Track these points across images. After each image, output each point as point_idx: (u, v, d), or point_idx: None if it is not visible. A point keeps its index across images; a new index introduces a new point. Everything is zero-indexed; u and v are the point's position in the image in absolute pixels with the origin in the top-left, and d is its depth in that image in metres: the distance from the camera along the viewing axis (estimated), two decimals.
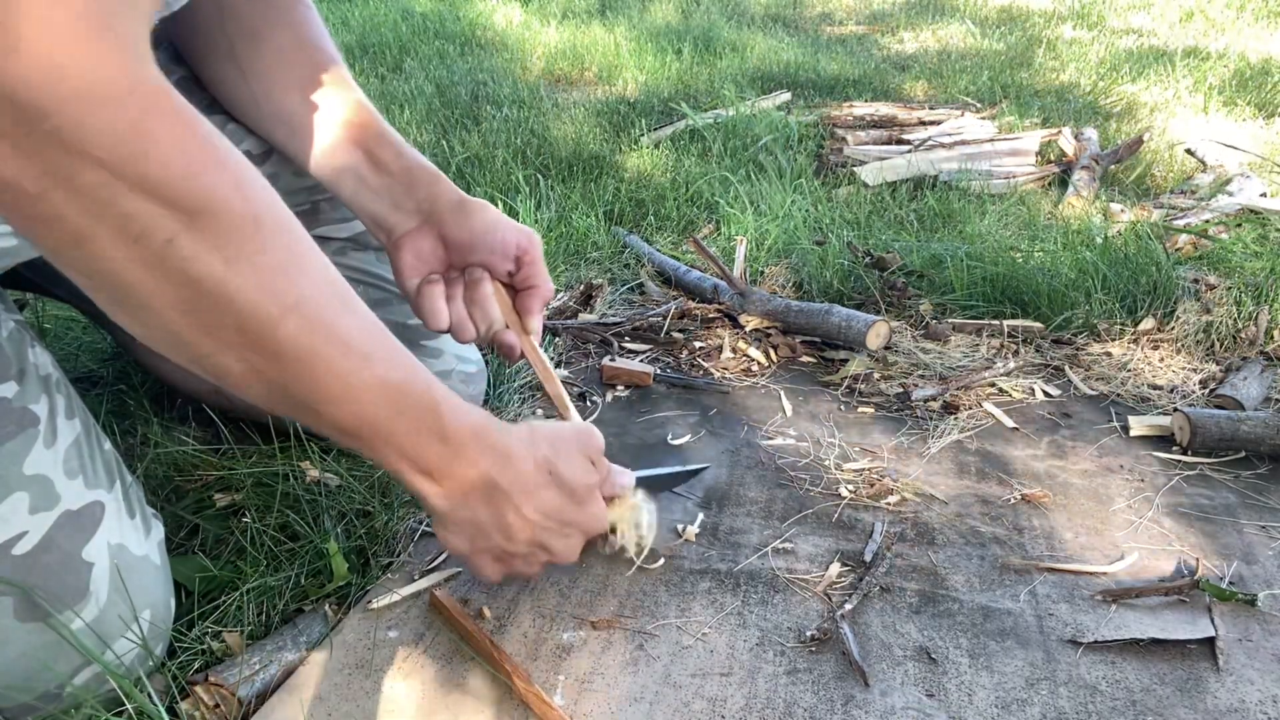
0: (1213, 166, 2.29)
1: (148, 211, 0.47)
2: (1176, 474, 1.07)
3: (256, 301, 0.52)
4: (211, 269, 0.50)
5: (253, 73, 0.84)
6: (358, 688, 0.74)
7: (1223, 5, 4.79)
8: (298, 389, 0.56)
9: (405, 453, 0.63)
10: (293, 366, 0.55)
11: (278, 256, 0.53)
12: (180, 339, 0.53)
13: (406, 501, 0.96)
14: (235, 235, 0.50)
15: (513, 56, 3.48)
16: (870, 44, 3.96)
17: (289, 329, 0.54)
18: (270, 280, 0.52)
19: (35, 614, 0.65)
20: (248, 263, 0.51)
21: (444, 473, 0.65)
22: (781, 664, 0.78)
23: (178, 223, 0.48)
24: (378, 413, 0.60)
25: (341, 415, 0.59)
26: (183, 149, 0.48)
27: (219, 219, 0.49)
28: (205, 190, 0.49)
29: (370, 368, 0.59)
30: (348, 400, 0.58)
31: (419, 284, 0.83)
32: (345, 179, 0.84)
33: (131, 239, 0.47)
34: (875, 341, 1.32)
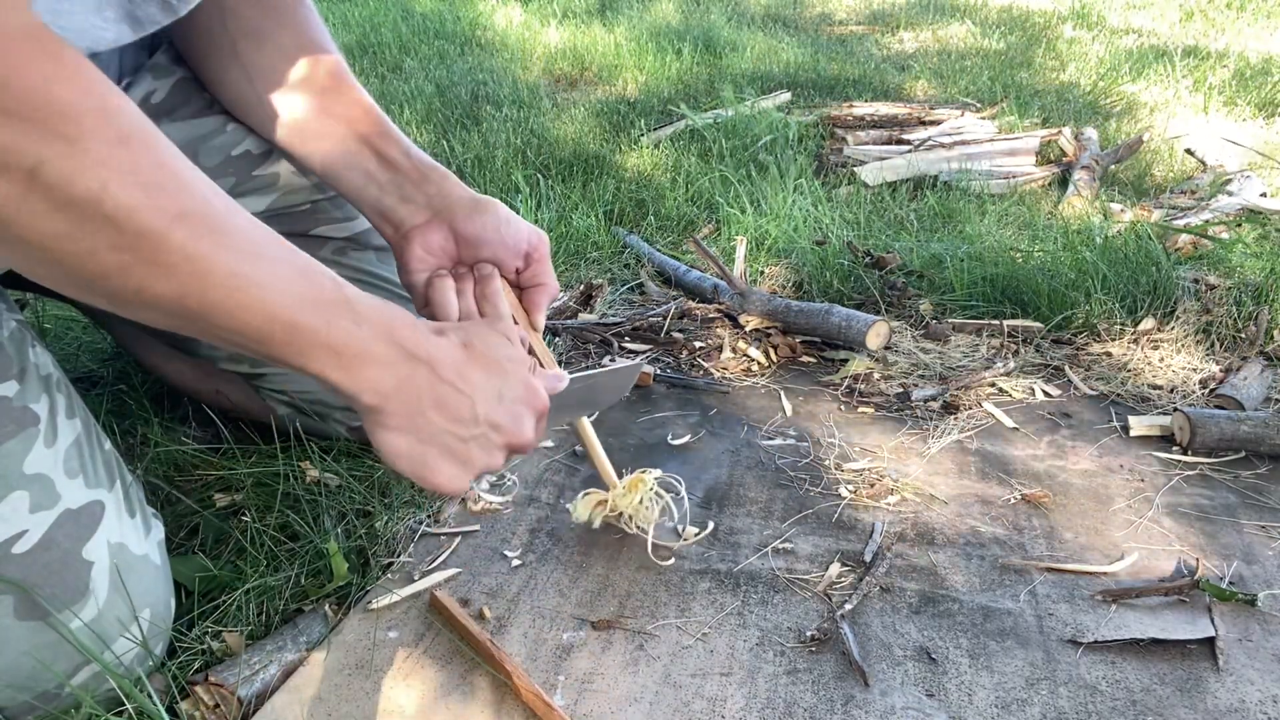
0: (1213, 166, 2.30)
1: (9, 140, 0.46)
2: (1176, 474, 1.07)
3: (137, 215, 0.51)
4: (84, 189, 0.49)
5: (256, 72, 0.84)
6: (358, 688, 0.74)
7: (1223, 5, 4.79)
8: (199, 300, 0.55)
9: (321, 342, 0.60)
10: (189, 277, 0.54)
11: (151, 172, 0.52)
12: (67, 268, 0.52)
13: (406, 502, 0.96)
14: (104, 155, 0.50)
15: (513, 56, 3.48)
16: (870, 44, 3.96)
17: (178, 238, 0.52)
18: (148, 194, 0.51)
19: (35, 613, 0.65)
20: (120, 179, 0.50)
21: (365, 358, 0.62)
22: (781, 664, 0.78)
23: (43, 147, 0.47)
24: (286, 307, 0.58)
25: (249, 318, 0.57)
26: (44, 77, 0.47)
27: (86, 141, 0.49)
28: (70, 114, 0.48)
29: (269, 264, 0.57)
30: (253, 301, 0.56)
31: (427, 278, 0.82)
32: (352, 174, 0.84)
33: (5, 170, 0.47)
34: (875, 341, 1.32)
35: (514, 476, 1.04)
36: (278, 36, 0.84)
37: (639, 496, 0.91)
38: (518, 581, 0.87)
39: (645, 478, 0.91)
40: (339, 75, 0.85)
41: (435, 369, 0.65)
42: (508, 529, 0.95)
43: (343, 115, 0.83)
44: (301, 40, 0.84)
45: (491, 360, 0.69)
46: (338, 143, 0.83)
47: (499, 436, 0.69)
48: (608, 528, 0.94)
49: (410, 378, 0.64)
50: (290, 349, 0.59)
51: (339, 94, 0.84)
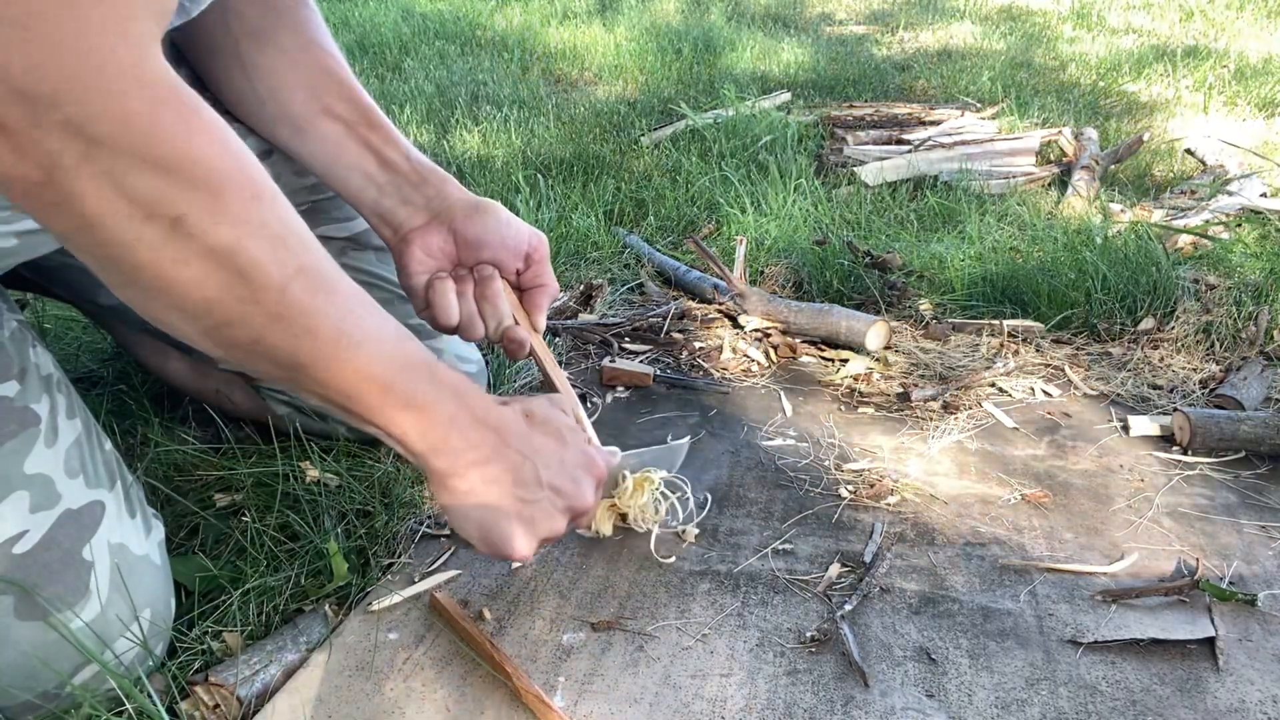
0: (1213, 166, 2.30)
1: (158, 190, 0.50)
2: (1176, 474, 1.07)
3: (264, 267, 0.54)
4: (221, 240, 0.52)
5: (257, 72, 0.84)
6: (358, 689, 0.74)
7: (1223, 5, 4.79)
8: (307, 354, 0.58)
9: (406, 405, 0.63)
10: (302, 331, 0.57)
11: (278, 228, 0.56)
12: (190, 314, 0.55)
13: (406, 502, 0.96)
14: (239, 208, 0.53)
15: (513, 56, 3.48)
16: (870, 44, 3.96)
17: (295, 292, 0.56)
18: (275, 248, 0.55)
19: (35, 613, 0.65)
20: (252, 233, 0.54)
21: (443, 423, 0.65)
22: (781, 664, 0.78)
23: (186, 199, 0.51)
24: (382, 368, 0.61)
25: (348, 376, 0.60)
26: (188, 131, 0.51)
27: (224, 193, 0.52)
28: (212, 168, 0.52)
29: (371, 325, 0.61)
30: (354, 360, 0.60)
31: (427, 280, 0.83)
32: (352, 175, 0.84)
33: (142, 218, 0.50)
34: (875, 341, 1.32)
35: None
36: (280, 37, 0.84)
37: (645, 496, 0.91)
38: (518, 583, 0.87)
39: (652, 476, 0.91)
40: (340, 77, 0.85)
41: (503, 436, 0.67)
42: None
43: (343, 117, 0.84)
44: (304, 41, 0.85)
45: (552, 429, 0.72)
46: (337, 144, 0.84)
47: (562, 501, 0.71)
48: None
49: (481, 443, 0.66)
50: (377, 409, 0.62)
51: (340, 96, 0.84)
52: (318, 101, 0.84)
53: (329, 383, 0.60)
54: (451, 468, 0.66)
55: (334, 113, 0.84)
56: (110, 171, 0.49)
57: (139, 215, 0.50)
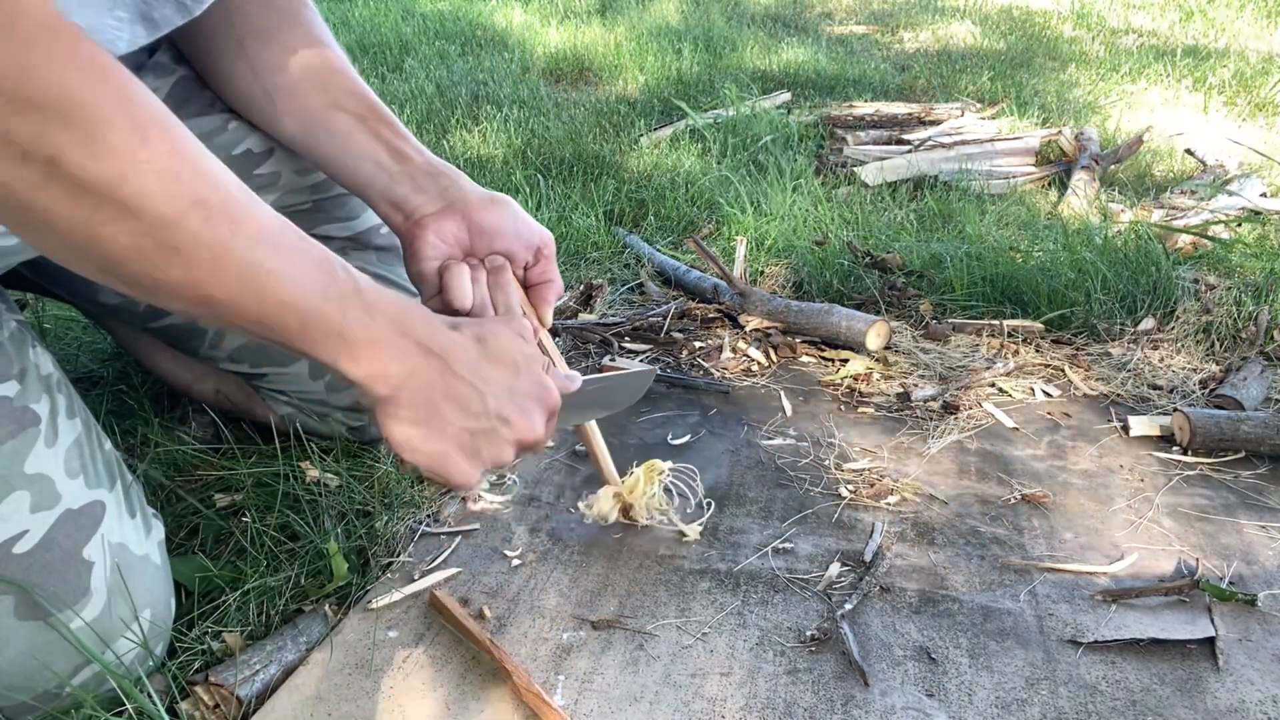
0: (1213, 167, 2.30)
1: (30, 130, 0.48)
2: (1176, 474, 1.07)
3: (152, 202, 0.52)
4: (100, 176, 0.50)
5: (262, 70, 0.84)
6: (358, 688, 0.74)
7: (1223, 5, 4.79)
8: (214, 287, 0.56)
9: (334, 332, 0.60)
10: (205, 264, 0.55)
11: (167, 160, 0.53)
12: (87, 253, 0.53)
13: (406, 502, 0.97)
14: (120, 143, 0.51)
15: (513, 56, 3.48)
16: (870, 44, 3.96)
17: (192, 225, 0.53)
18: (163, 182, 0.52)
19: (35, 613, 0.65)
20: (135, 168, 0.51)
21: (377, 349, 0.62)
22: (781, 664, 0.78)
23: (62, 135, 0.49)
24: (301, 296, 0.59)
25: (264, 307, 0.58)
26: (63, 66, 0.49)
27: (103, 129, 0.50)
28: (88, 103, 0.50)
29: (285, 253, 0.58)
30: (268, 290, 0.57)
31: (439, 265, 0.82)
32: (363, 164, 0.84)
33: (18, 159, 0.48)
34: (875, 341, 1.32)
35: (514, 476, 1.04)
36: (283, 35, 0.84)
37: (653, 488, 0.91)
38: (518, 581, 0.87)
39: (659, 464, 0.91)
40: (346, 74, 0.85)
41: (448, 361, 0.65)
42: (508, 529, 0.95)
43: (352, 110, 0.84)
44: (308, 39, 0.85)
45: (505, 356, 0.69)
46: (348, 135, 0.84)
47: (510, 431, 0.69)
48: (607, 526, 0.94)
49: (422, 369, 0.64)
50: (303, 338, 0.60)
51: (347, 91, 0.84)
52: (325, 96, 0.84)
53: (247, 315, 0.58)
54: (392, 395, 0.64)
55: (343, 107, 0.84)
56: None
57: (14, 156, 0.48)
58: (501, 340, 0.70)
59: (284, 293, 0.58)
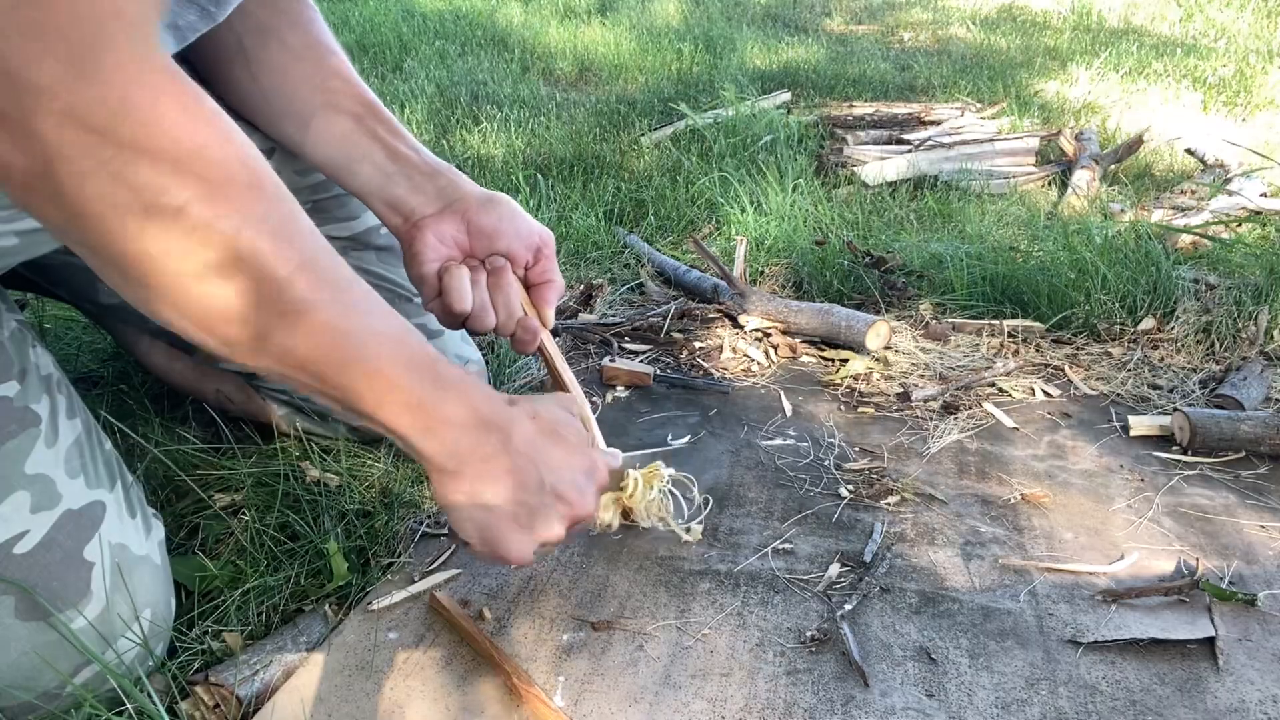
0: (1213, 166, 2.30)
1: (160, 181, 0.49)
2: (1176, 474, 1.07)
3: (267, 261, 0.53)
4: (223, 232, 0.51)
5: (262, 69, 0.84)
6: (358, 689, 0.74)
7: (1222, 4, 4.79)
8: (310, 350, 0.57)
9: (409, 403, 0.62)
10: (306, 327, 0.56)
11: (280, 221, 0.55)
12: (193, 311, 0.54)
13: (406, 502, 0.96)
14: (242, 201, 0.52)
15: (513, 56, 3.48)
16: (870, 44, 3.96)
17: (300, 287, 0.55)
18: (278, 242, 0.54)
19: (36, 613, 0.65)
20: (254, 225, 0.53)
21: (446, 422, 0.64)
22: (781, 664, 0.78)
23: (189, 190, 0.50)
24: (386, 366, 0.60)
25: (350, 373, 0.59)
26: (189, 121, 0.50)
27: (227, 186, 0.51)
28: (214, 160, 0.51)
29: (376, 321, 0.60)
30: (358, 356, 0.59)
31: (439, 268, 0.82)
32: (361, 166, 0.84)
33: (143, 211, 0.49)
34: (875, 341, 1.32)
35: None
36: (283, 34, 0.84)
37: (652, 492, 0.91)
38: (518, 582, 0.87)
39: (660, 470, 0.91)
40: (345, 74, 0.85)
41: (508, 438, 0.66)
42: None
43: (350, 111, 0.84)
44: (308, 39, 0.85)
45: (559, 433, 0.71)
46: (346, 136, 0.84)
47: (563, 507, 0.70)
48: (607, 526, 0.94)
49: (484, 444, 0.65)
50: (381, 406, 0.61)
51: (346, 92, 0.84)
52: (324, 96, 0.84)
53: (333, 381, 0.59)
54: (454, 468, 0.65)
55: (341, 107, 0.84)
56: (110, 162, 0.48)
57: (138, 207, 0.49)
58: (554, 417, 0.71)
59: (372, 362, 0.59)
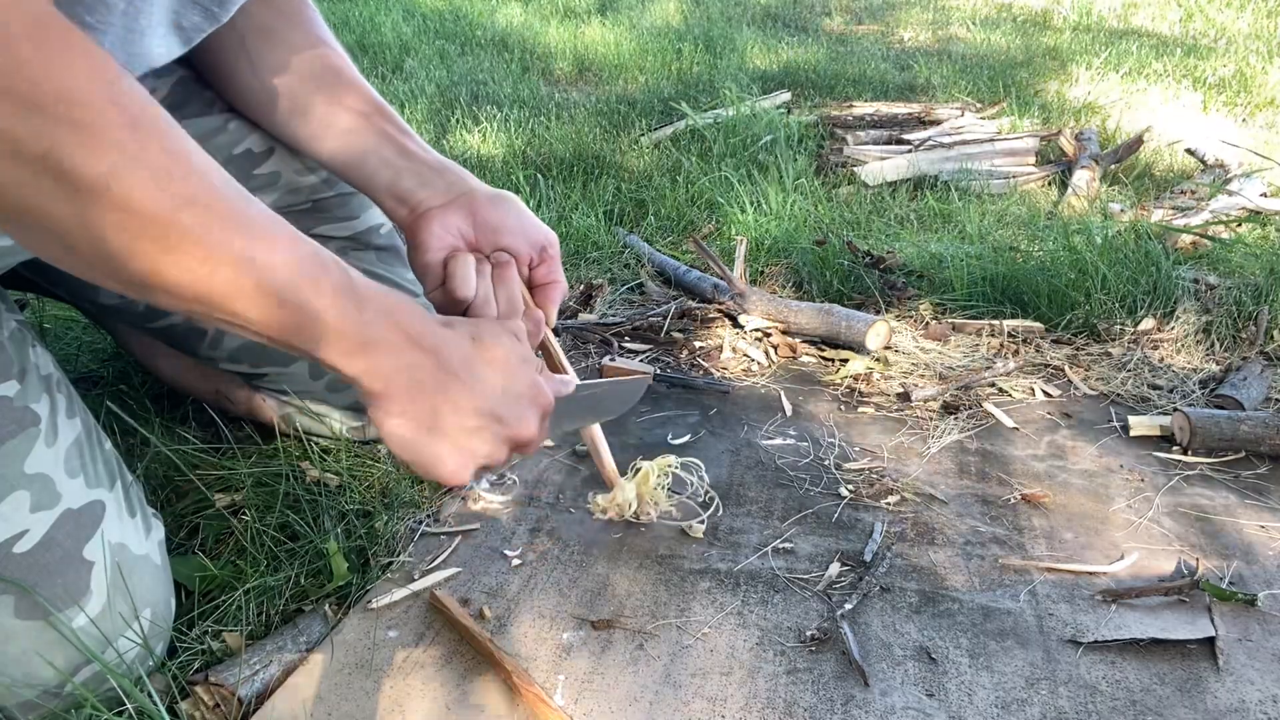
0: (1212, 166, 2.30)
1: (24, 126, 0.47)
2: (1176, 474, 1.07)
3: (145, 199, 0.51)
4: (93, 174, 0.50)
5: (264, 68, 0.84)
6: (358, 688, 0.74)
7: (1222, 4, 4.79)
8: (209, 284, 0.55)
9: (329, 328, 0.60)
10: (199, 262, 0.54)
11: (159, 158, 0.53)
12: (82, 253, 0.53)
13: (406, 502, 0.97)
14: (112, 141, 0.50)
15: (513, 56, 3.48)
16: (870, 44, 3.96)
17: (185, 222, 0.53)
18: (156, 180, 0.52)
19: (36, 612, 0.65)
20: (128, 164, 0.51)
21: (371, 344, 0.62)
22: (781, 664, 0.78)
23: (53, 132, 0.48)
24: (295, 292, 0.58)
25: (258, 304, 0.57)
26: (54, 63, 0.48)
27: (94, 127, 0.50)
28: (80, 100, 0.49)
29: (279, 250, 0.58)
30: (263, 286, 0.57)
31: (445, 256, 0.81)
32: (368, 160, 0.83)
33: (9, 156, 0.48)
34: (875, 341, 1.32)
35: (514, 476, 1.04)
36: (286, 34, 0.84)
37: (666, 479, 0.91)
38: (518, 581, 0.87)
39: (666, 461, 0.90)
40: (349, 74, 0.85)
41: (441, 359, 0.65)
42: (508, 529, 0.95)
43: (355, 108, 0.84)
44: (310, 38, 0.85)
45: (498, 355, 0.69)
46: (352, 131, 0.84)
47: (503, 430, 0.68)
48: (607, 525, 0.94)
49: (415, 366, 0.64)
50: (298, 334, 0.59)
51: (351, 89, 0.84)
52: (329, 95, 0.84)
53: (240, 313, 0.57)
54: (385, 390, 0.63)
55: (347, 105, 0.84)
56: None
57: (6, 153, 0.47)
58: (496, 339, 0.69)
59: (278, 289, 0.57)
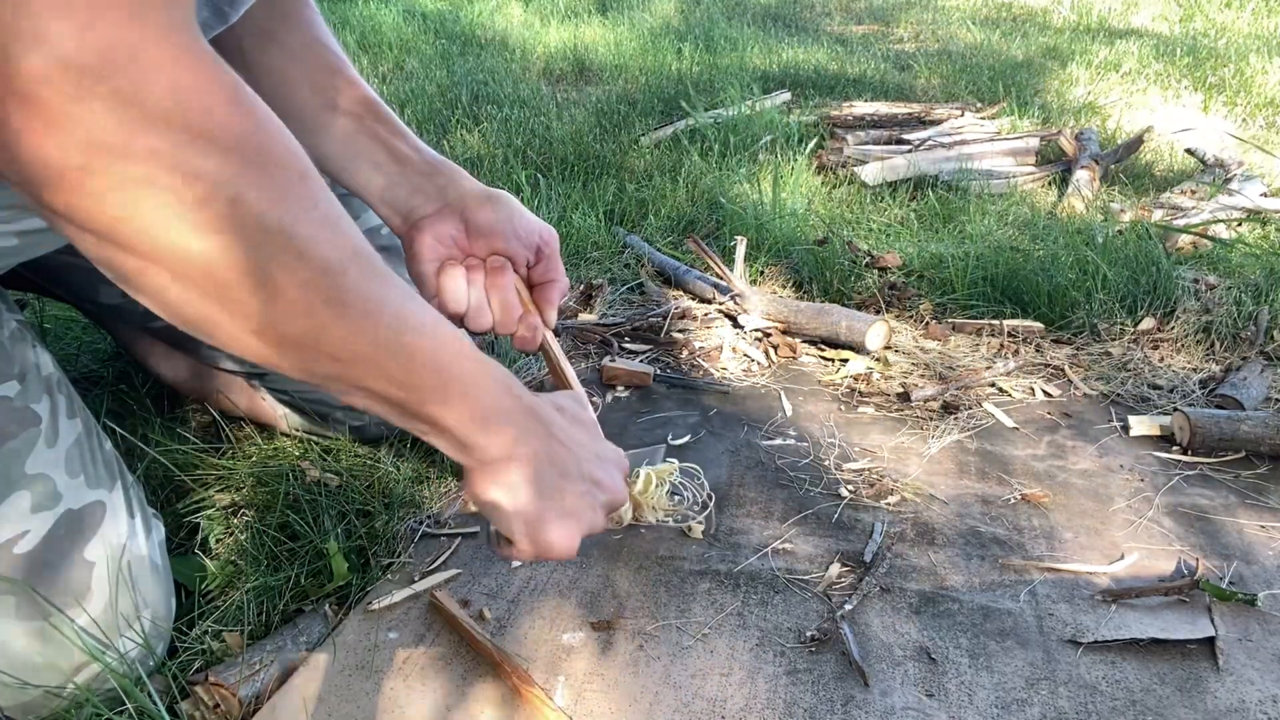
0: (1212, 166, 2.29)
1: (213, 169, 0.46)
2: (1176, 474, 1.07)
3: (322, 250, 0.50)
4: (280, 220, 0.48)
5: (262, 70, 0.84)
6: (358, 688, 0.74)
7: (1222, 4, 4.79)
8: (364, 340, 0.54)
9: (465, 393, 0.59)
10: (362, 317, 0.53)
11: (328, 207, 0.52)
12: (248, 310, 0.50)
13: (406, 502, 0.97)
14: (292, 188, 0.49)
15: (513, 56, 3.48)
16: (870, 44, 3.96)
17: (354, 275, 0.52)
18: (328, 229, 0.51)
19: (37, 613, 0.65)
20: (307, 213, 0.50)
21: (499, 412, 0.61)
22: (781, 664, 0.78)
23: (242, 178, 0.47)
24: (439, 355, 0.57)
25: (406, 364, 0.56)
26: (237, 107, 0.47)
27: (277, 173, 0.49)
28: (260, 146, 0.48)
29: (423, 311, 0.57)
30: (414, 346, 0.56)
31: (438, 267, 0.81)
32: (360, 166, 0.84)
33: (196, 201, 0.45)
34: (875, 341, 1.32)
35: None
36: (283, 35, 0.84)
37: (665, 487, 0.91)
38: (518, 582, 0.87)
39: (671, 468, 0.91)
40: (346, 74, 0.85)
41: (548, 425, 0.64)
42: None
43: (350, 111, 0.84)
44: (307, 39, 0.85)
45: (581, 421, 0.69)
46: (345, 136, 0.84)
47: (601, 494, 0.68)
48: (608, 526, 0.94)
49: (532, 434, 0.63)
50: (434, 398, 0.58)
51: (346, 92, 0.84)
52: (323, 97, 0.84)
53: (390, 374, 0.56)
54: (508, 460, 0.62)
55: (341, 108, 0.84)
56: (161, 150, 0.44)
57: (191, 197, 0.45)
58: (575, 407, 0.70)
59: (429, 352, 0.56)
